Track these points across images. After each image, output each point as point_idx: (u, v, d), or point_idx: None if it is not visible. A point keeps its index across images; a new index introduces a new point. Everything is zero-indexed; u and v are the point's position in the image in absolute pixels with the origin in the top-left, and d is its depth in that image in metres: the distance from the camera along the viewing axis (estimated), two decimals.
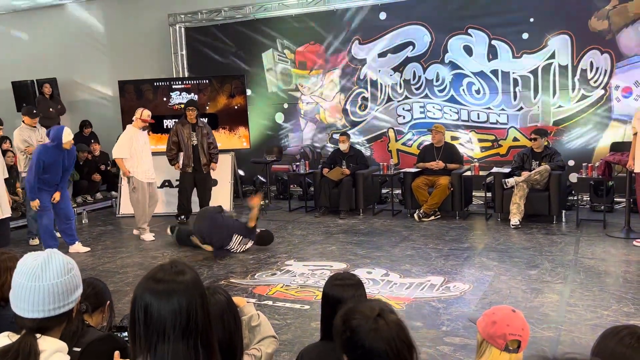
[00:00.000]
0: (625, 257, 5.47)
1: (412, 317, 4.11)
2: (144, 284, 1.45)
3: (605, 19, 7.64)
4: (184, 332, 1.40)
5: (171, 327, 1.39)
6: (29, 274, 1.55)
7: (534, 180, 6.94)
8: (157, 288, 1.42)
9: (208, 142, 8.03)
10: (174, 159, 7.97)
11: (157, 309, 1.40)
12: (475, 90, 8.46)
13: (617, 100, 7.72)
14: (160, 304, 1.40)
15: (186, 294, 1.42)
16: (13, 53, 11.69)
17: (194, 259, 5.99)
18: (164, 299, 1.40)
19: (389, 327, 1.50)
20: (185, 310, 1.40)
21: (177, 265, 1.50)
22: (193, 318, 1.41)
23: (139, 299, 1.43)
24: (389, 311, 1.56)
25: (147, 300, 1.41)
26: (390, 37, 8.87)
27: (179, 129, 7.93)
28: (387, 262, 5.60)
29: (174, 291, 1.42)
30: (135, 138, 7.11)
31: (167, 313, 1.40)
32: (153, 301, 1.40)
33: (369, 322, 1.51)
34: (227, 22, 9.88)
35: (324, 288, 2.19)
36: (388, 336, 1.48)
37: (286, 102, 9.76)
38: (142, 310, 1.41)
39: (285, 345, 3.60)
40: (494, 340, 1.88)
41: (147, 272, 1.50)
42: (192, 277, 1.47)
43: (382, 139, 9.17)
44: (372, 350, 1.48)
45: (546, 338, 3.68)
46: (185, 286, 1.43)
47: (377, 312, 1.53)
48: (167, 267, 1.48)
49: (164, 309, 1.40)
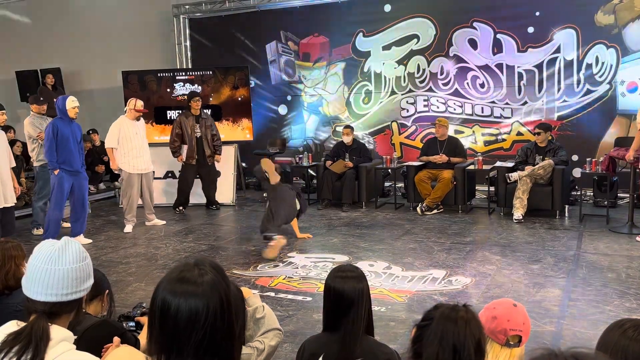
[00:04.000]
0: (628, 253, 5.47)
1: (414, 310, 4.12)
2: (165, 283, 1.37)
3: (612, 14, 7.60)
4: (199, 345, 1.31)
5: (186, 338, 1.30)
6: (46, 258, 1.59)
7: (538, 174, 6.92)
8: (177, 289, 1.33)
9: (212, 134, 8.03)
10: (177, 151, 7.96)
11: (175, 310, 1.31)
12: (480, 84, 8.43)
13: (622, 95, 7.69)
14: (180, 304, 1.31)
15: (204, 297, 1.32)
16: (17, 42, 11.69)
17: (198, 249, 6.00)
18: (182, 300, 1.31)
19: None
20: (203, 317, 1.31)
21: (200, 264, 1.39)
22: (210, 327, 1.31)
23: (157, 299, 1.35)
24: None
25: (166, 298, 1.32)
26: (395, 29, 8.83)
27: (182, 120, 7.92)
28: (389, 255, 5.60)
29: (192, 294, 1.32)
30: (125, 128, 7.05)
31: (185, 316, 1.30)
32: (172, 301, 1.31)
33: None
34: (231, 14, 9.86)
35: (327, 280, 2.20)
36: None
37: (289, 94, 9.75)
38: (158, 310, 1.33)
39: (288, 336, 3.61)
40: (494, 335, 1.88)
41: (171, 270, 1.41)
42: (213, 279, 1.36)
43: (386, 132, 9.15)
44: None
45: (548, 332, 3.68)
46: (203, 290, 1.33)
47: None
48: (191, 266, 1.38)
49: (183, 310, 1.31)
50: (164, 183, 8.67)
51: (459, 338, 1.58)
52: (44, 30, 11.45)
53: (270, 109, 9.89)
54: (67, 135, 6.15)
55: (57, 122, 6.16)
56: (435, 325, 1.61)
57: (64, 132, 6.13)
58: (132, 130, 7.11)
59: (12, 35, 11.78)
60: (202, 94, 9.17)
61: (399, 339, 3.62)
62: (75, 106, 6.20)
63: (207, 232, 6.89)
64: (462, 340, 1.58)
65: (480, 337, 1.63)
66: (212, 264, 1.41)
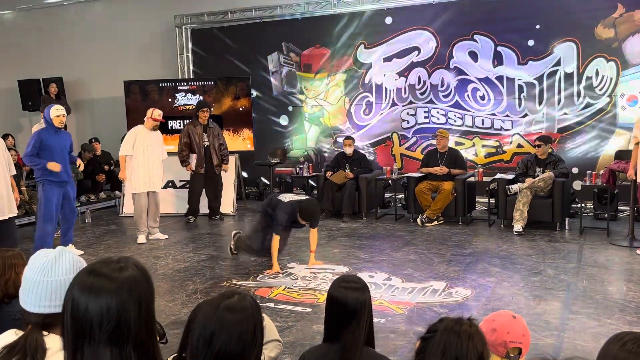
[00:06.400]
0: (628, 266, 5.45)
1: (414, 322, 4.10)
2: (78, 275, 1.33)
3: (612, 27, 7.64)
4: (111, 335, 1.25)
5: (97, 328, 1.25)
6: (39, 269, 1.59)
7: (538, 187, 6.93)
8: (87, 282, 1.28)
9: (219, 143, 8.07)
10: (186, 160, 7.99)
11: (84, 306, 1.26)
12: (480, 96, 8.46)
13: (622, 108, 7.71)
14: (89, 300, 1.26)
15: (119, 293, 1.27)
16: (19, 51, 11.75)
17: (197, 259, 6.00)
18: (93, 296, 1.26)
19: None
20: (115, 311, 1.25)
21: (122, 261, 1.34)
22: (125, 321, 1.26)
23: (68, 291, 1.31)
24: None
25: (75, 294, 1.28)
26: (396, 41, 8.88)
27: (190, 129, 7.95)
28: (389, 266, 5.59)
29: (104, 289, 1.27)
30: (140, 137, 6.94)
31: (94, 312, 1.25)
32: (80, 297, 1.27)
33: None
34: (233, 25, 9.92)
35: (330, 290, 2.19)
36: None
37: (291, 105, 9.78)
38: (69, 304, 1.28)
39: (287, 347, 3.60)
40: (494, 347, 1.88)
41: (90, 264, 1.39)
42: (133, 275, 1.31)
43: (386, 144, 9.17)
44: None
45: (548, 345, 3.67)
46: (118, 285, 1.27)
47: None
48: (110, 261, 1.33)
49: (92, 308, 1.25)
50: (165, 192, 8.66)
51: (461, 351, 1.58)
52: (46, 39, 11.51)
53: (271, 119, 9.92)
54: (52, 145, 5.95)
55: (43, 132, 5.98)
56: (438, 338, 1.61)
57: (49, 142, 5.93)
58: (147, 141, 6.94)
59: (15, 43, 11.84)
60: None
61: (399, 350, 3.61)
62: (60, 114, 5.96)
63: (207, 242, 6.89)
64: (465, 353, 1.58)
65: (484, 351, 1.63)
66: (135, 262, 1.36)
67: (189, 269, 5.67)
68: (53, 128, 5.99)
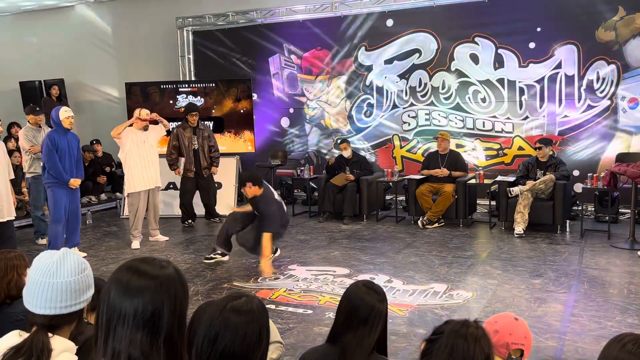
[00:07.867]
0: (629, 268, 5.45)
1: (415, 324, 4.10)
2: (118, 270, 1.36)
3: (613, 30, 7.65)
4: (145, 323, 1.30)
5: (132, 315, 1.29)
6: (43, 271, 1.58)
7: (539, 189, 6.93)
8: (126, 277, 1.33)
9: (209, 145, 8.00)
10: (174, 163, 7.94)
11: (121, 296, 1.31)
12: (481, 99, 8.46)
13: (623, 111, 7.71)
14: (128, 288, 1.31)
15: (157, 287, 1.31)
16: (21, 53, 11.77)
17: (198, 261, 6.00)
18: (133, 285, 1.31)
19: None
20: (150, 302, 1.30)
21: (164, 261, 1.39)
22: (158, 314, 1.30)
23: (106, 286, 1.34)
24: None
25: (111, 292, 1.32)
26: (397, 44, 8.89)
27: (180, 132, 7.92)
28: (390, 268, 5.59)
29: (146, 277, 1.32)
30: (133, 137, 6.74)
31: (131, 302, 1.30)
32: (116, 295, 1.31)
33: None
34: (234, 27, 9.93)
35: (349, 289, 2.15)
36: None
37: (292, 107, 9.79)
38: (107, 294, 1.33)
39: (288, 349, 3.60)
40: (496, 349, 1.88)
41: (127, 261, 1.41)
42: (172, 275, 1.36)
43: (387, 146, 9.17)
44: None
45: (550, 348, 3.67)
46: (159, 280, 1.32)
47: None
48: (152, 259, 1.38)
49: (130, 297, 1.30)
50: (165, 194, 8.68)
51: (468, 354, 1.58)
52: (47, 41, 11.53)
53: (273, 121, 9.92)
54: (63, 147, 6.00)
55: (53, 134, 6.00)
56: (445, 340, 1.61)
57: (60, 144, 5.98)
58: (141, 137, 6.79)
59: (16, 45, 11.86)
60: (205, 105, 9.23)
61: (400, 353, 3.60)
62: (69, 116, 6.00)
63: (208, 244, 6.88)
64: (472, 356, 1.58)
65: (490, 353, 1.63)
66: (175, 266, 1.40)
67: (190, 271, 5.67)
68: (62, 129, 6.03)
